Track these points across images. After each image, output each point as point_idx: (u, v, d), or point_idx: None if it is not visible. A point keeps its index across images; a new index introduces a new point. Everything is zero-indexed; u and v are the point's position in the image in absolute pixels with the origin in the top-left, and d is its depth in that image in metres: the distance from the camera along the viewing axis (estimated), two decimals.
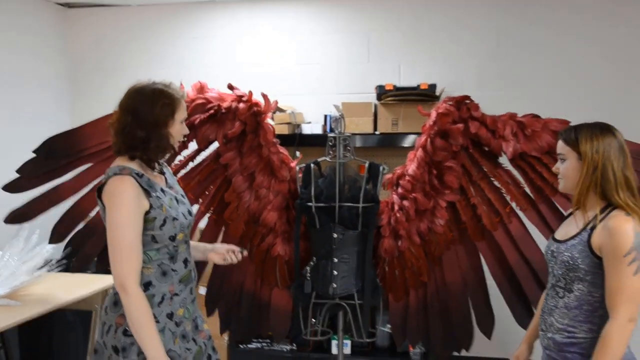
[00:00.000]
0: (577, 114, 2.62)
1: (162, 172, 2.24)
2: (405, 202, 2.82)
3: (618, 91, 4.03)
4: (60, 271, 3.51)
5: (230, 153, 2.87)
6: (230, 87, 2.89)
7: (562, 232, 2.15)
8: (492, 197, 2.79)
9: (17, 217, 2.86)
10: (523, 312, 2.82)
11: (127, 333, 2.06)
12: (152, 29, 4.60)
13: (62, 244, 3.03)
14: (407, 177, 2.82)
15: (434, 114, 2.74)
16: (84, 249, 2.96)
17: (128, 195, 2.01)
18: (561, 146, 2.08)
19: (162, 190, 2.14)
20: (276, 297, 3.08)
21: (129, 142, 2.09)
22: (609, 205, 1.98)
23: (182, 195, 2.29)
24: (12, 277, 3.10)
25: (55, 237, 2.96)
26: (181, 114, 2.15)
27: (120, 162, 2.10)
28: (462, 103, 2.71)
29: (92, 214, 2.94)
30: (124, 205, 2.00)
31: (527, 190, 2.76)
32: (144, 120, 2.07)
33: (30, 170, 2.80)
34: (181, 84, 2.61)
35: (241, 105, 2.79)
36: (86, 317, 3.49)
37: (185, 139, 2.25)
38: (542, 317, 2.16)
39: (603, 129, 2.03)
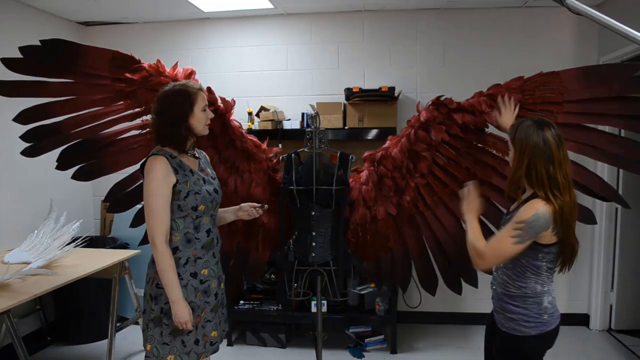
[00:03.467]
0: None
1: (195, 157, 2.34)
2: (386, 180, 2.85)
3: None
4: (84, 247, 3.57)
5: (207, 150, 2.77)
6: (209, 89, 2.74)
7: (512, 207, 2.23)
8: (482, 158, 2.76)
9: (5, 90, 2.66)
10: None
11: (159, 286, 2.22)
12: (156, 42, 4.60)
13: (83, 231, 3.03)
14: (390, 159, 2.83)
15: (423, 114, 2.71)
16: (44, 141, 2.80)
17: (159, 171, 2.15)
18: (510, 140, 2.12)
19: (190, 170, 2.25)
20: (255, 253, 3.12)
21: (160, 137, 2.24)
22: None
23: (212, 178, 2.39)
24: (46, 252, 3.18)
25: (19, 119, 2.72)
26: (200, 104, 2.23)
27: (160, 146, 2.25)
28: (439, 103, 2.69)
29: (61, 118, 2.77)
30: (155, 179, 2.15)
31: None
32: (169, 119, 2.21)
33: (30, 53, 2.57)
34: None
35: None
36: (107, 284, 3.53)
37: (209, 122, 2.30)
38: (493, 273, 2.25)
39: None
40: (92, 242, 4.03)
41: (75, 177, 2.92)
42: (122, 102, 2.79)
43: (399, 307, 4.15)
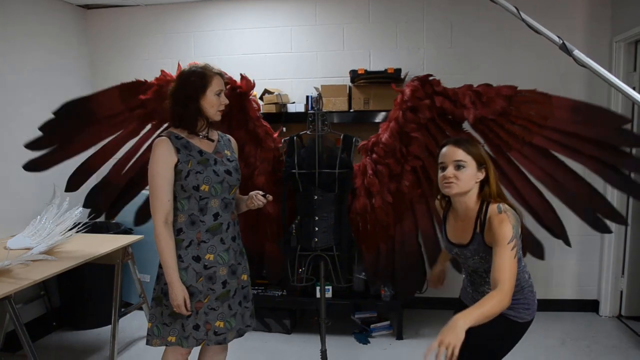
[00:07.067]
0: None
1: (210, 139, 2.33)
2: (380, 167, 2.84)
3: (547, 74, 4.15)
4: (87, 232, 3.59)
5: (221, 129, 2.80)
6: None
7: (452, 234, 2.21)
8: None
9: (34, 166, 2.88)
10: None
11: (161, 267, 2.24)
12: (158, 25, 4.57)
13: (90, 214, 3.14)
14: (381, 145, 2.82)
15: (407, 91, 2.71)
16: (99, 202, 3.03)
17: (161, 152, 2.17)
18: (463, 155, 2.06)
19: (199, 151, 2.25)
20: (270, 249, 3.14)
21: (171, 117, 2.26)
22: (483, 202, 2.08)
23: (228, 159, 2.34)
24: (49, 237, 3.18)
25: (69, 188, 3.00)
26: (214, 87, 2.22)
27: (171, 128, 2.28)
28: (426, 81, 2.68)
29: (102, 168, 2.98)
30: (156, 161, 2.18)
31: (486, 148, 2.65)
32: (180, 98, 2.21)
33: (50, 129, 2.75)
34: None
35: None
36: (110, 269, 3.53)
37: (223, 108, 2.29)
38: (472, 296, 2.24)
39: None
40: (95, 228, 4.03)
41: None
42: (149, 125, 2.88)
43: None
